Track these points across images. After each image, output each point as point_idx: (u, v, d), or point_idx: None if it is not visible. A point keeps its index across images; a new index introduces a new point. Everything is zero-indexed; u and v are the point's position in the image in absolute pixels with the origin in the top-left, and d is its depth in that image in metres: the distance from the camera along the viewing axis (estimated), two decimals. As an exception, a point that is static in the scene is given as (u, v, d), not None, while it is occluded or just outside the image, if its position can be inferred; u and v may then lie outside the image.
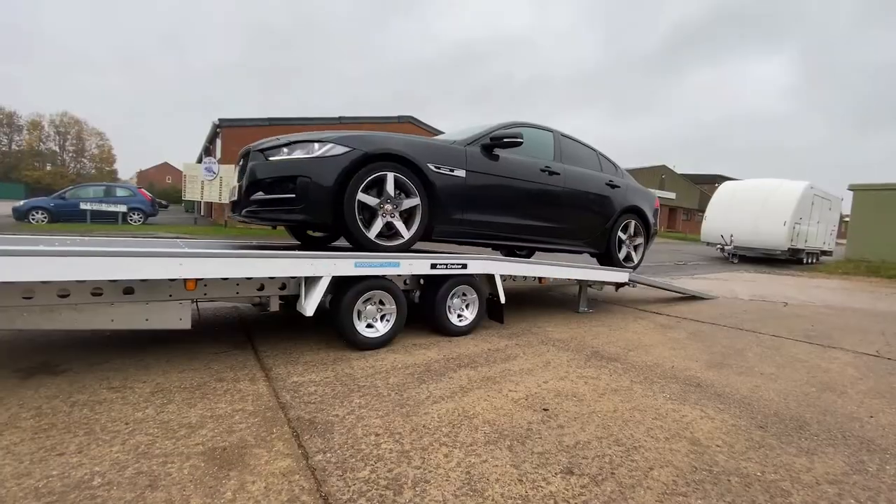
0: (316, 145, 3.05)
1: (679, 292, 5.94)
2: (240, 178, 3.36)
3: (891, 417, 2.21)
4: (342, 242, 4.75)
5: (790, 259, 14.60)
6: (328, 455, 1.60)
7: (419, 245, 3.88)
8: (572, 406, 2.15)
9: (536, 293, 5.86)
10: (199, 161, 21.05)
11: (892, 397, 2.50)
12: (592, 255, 5.13)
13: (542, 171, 4.21)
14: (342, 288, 2.85)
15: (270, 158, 3.11)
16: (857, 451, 1.82)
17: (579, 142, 4.89)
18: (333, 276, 2.73)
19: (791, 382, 2.66)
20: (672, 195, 38.77)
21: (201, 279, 2.48)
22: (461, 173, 3.58)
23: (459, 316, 3.51)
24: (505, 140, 3.77)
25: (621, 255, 5.10)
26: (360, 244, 3.15)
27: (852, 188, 13.39)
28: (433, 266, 3.23)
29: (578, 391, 2.36)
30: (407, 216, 3.35)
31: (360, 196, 3.06)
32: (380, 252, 3.13)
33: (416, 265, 3.13)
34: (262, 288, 2.77)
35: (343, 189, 3.01)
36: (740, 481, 1.54)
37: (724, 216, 15.31)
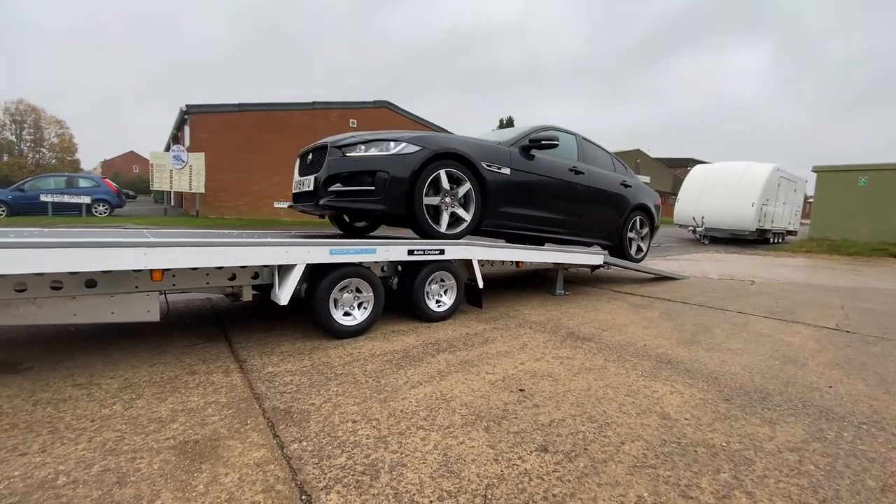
0: (391, 144, 3.41)
1: (652, 273, 6.08)
2: (304, 173, 3.78)
3: (848, 387, 2.33)
4: (380, 232, 4.88)
5: (758, 239, 15.15)
6: (304, 444, 1.59)
7: (395, 232, 3.92)
8: (548, 386, 2.19)
9: (515, 277, 5.91)
10: (168, 149, 20.26)
11: (850, 368, 2.64)
12: (605, 247, 5.46)
13: (570, 170, 4.63)
14: (318, 276, 2.81)
15: (348, 154, 3.43)
16: (817, 420, 1.92)
17: (596, 144, 5.29)
18: (308, 264, 2.68)
19: (756, 357, 2.77)
20: (647, 179, 39.38)
21: (168, 269, 2.40)
22: (506, 171, 3.98)
23: (438, 301, 3.52)
24: (543, 142, 4.19)
25: (632, 249, 5.60)
26: (426, 232, 3.54)
27: (816, 170, 13.89)
28: (410, 252, 3.21)
29: (554, 371, 2.40)
30: (464, 207, 3.74)
31: (427, 189, 3.45)
32: (442, 239, 3.55)
33: (393, 251, 3.11)
34: (233, 277, 2.70)
35: (414, 182, 3.37)
36: (706, 451, 1.60)
37: (695, 199, 15.71)
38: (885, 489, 1.42)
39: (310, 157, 3.81)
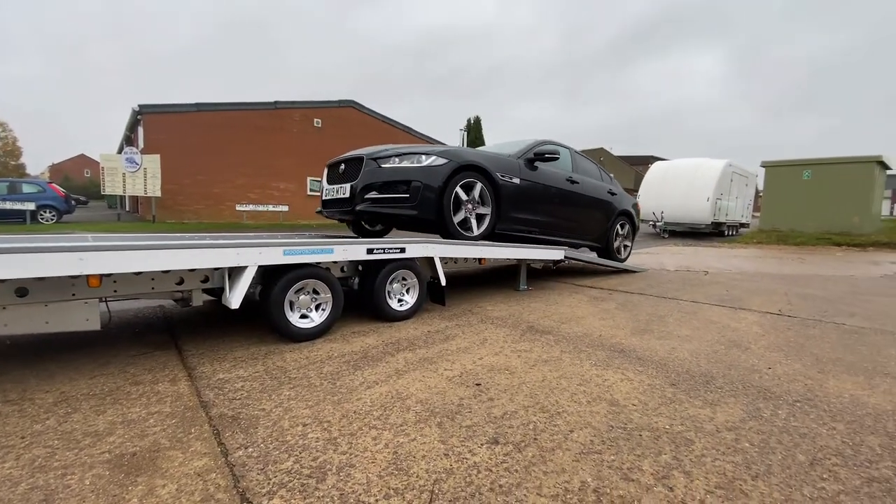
0: (423, 157, 3.83)
1: (612, 266, 6.26)
2: (336, 181, 4.22)
3: (786, 368, 2.46)
4: (392, 235, 4.96)
5: (713, 232, 15.85)
6: (250, 450, 1.54)
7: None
8: (504, 379, 2.21)
9: (480, 274, 5.95)
10: (120, 151, 19.29)
11: (789, 350, 2.79)
12: (593, 249, 6.08)
13: (567, 180, 5.18)
14: (272, 278, 2.74)
15: (383, 166, 3.84)
16: (755, 400, 2.02)
17: (586, 157, 5.89)
18: (260, 266, 2.61)
19: (703, 343, 2.89)
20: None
21: (107, 275, 2.28)
22: (516, 180, 4.47)
23: (400, 301, 3.49)
24: (546, 155, 4.73)
25: (616, 250, 6.23)
26: (451, 234, 3.97)
27: (764, 165, 14.64)
28: (370, 251, 3.17)
29: (511, 364, 2.43)
30: (482, 213, 4.21)
31: (454, 196, 3.92)
32: (464, 240, 3.96)
33: (352, 251, 3.06)
34: (181, 282, 2.60)
35: (443, 191, 3.79)
36: (650, 435, 1.65)
37: (655, 194, 16.28)
38: (814, 463, 1.51)
39: (342, 167, 4.21)
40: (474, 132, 35.90)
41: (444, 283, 3.72)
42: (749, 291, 4.91)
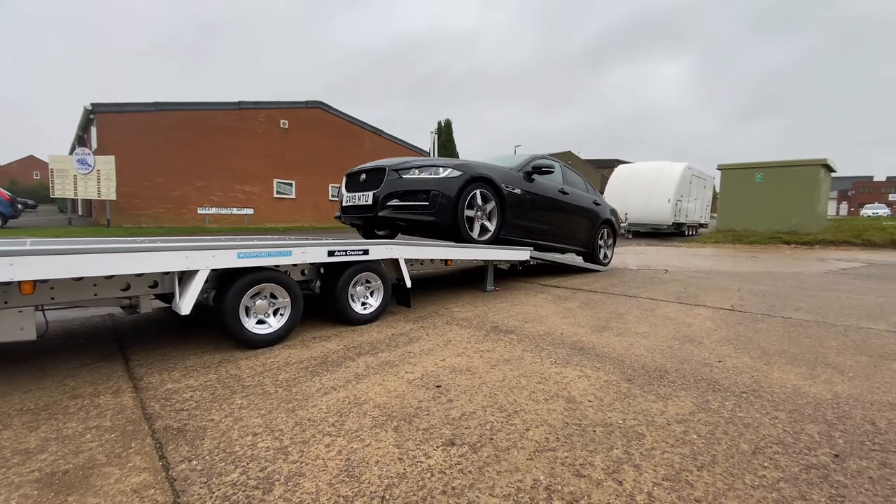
0: (441, 170, 4.25)
1: (577, 266, 6.38)
2: (357, 189, 4.58)
3: (735, 361, 2.56)
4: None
5: (675, 232, 16.45)
6: (194, 463, 1.47)
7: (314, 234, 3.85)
8: (465, 380, 2.20)
9: (448, 275, 5.95)
10: (72, 152, 18.26)
11: (739, 343, 2.91)
12: (579, 254, 6.58)
13: (559, 191, 5.67)
14: (226, 282, 2.64)
15: (404, 176, 4.26)
16: (705, 392, 2.08)
17: (574, 171, 6.43)
18: (213, 270, 2.51)
19: (659, 339, 2.98)
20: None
21: (43, 281, 2.14)
22: (518, 191, 4.93)
23: (364, 304, 3.44)
24: (543, 168, 5.28)
25: (600, 255, 6.69)
26: (464, 239, 4.38)
27: (720, 168, 15.31)
28: (331, 253, 3.11)
29: (473, 365, 2.42)
30: (489, 219, 4.65)
31: (466, 204, 4.33)
32: (474, 244, 4.42)
33: (311, 253, 2.99)
34: (127, 287, 2.47)
35: (458, 199, 4.22)
36: (604, 430, 1.68)
37: (620, 196, 16.75)
38: (756, 451, 1.57)
39: (363, 176, 4.61)
40: (445, 135, 36.00)
41: (409, 284, 3.69)
42: (705, 288, 5.11)
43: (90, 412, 1.88)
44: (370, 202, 4.34)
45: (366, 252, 3.31)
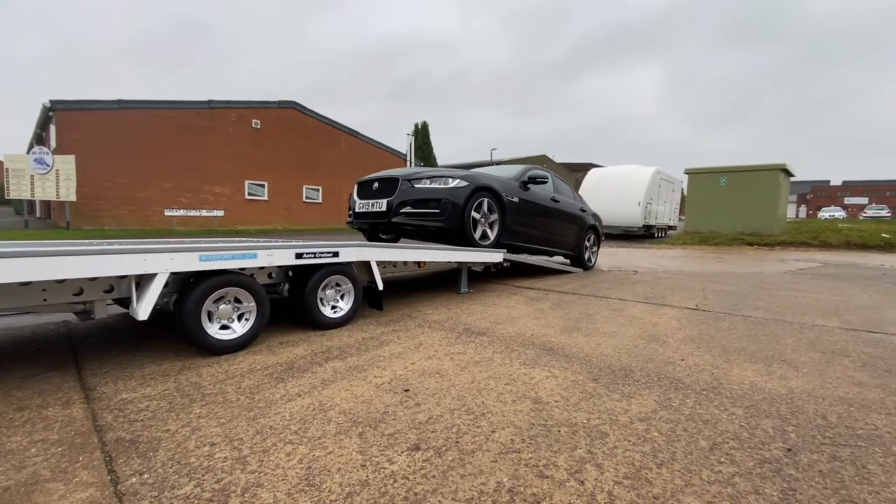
0: (449, 180, 4.65)
1: (549, 267, 6.47)
2: (370, 197, 4.96)
3: (697, 359, 2.64)
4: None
5: (645, 234, 16.88)
6: (145, 476, 1.40)
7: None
8: (434, 383, 2.19)
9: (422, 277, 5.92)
10: (30, 151, 17.37)
11: (701, 342, 3.00)
12: (567, 257, 6.99)
13: (551, 199, 6.09)
14: (188, 286, 2.54)
15: (416, 186, 4.65)
16: (667, 390, 2.13)
17: (563, 180, 6.87)
18: (173, 273, 2.41)
19: (626, 338, 3.04)
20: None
21: (-17, 289, 2.01)
22: (516, 199, 5.30)
23: (334, 307, 3.38)
24: (538, 179, 5.79)
25: (586, 258, 7.12)
26: (471, 243, 4.73)
27: (687, 172, 15.84)
28: (299, 255, 3.04)
29: (443, 368, 2.41)
30: (491, 226, 5.00)
31: (473, 211, 4.70)
32: (480, 248, 4.75)
33: (278, 255, 2.91)
34: (80, 292, 2.35)
35: (465, 207, 4.58)
36: (568, 430, 1.70)
37: (592, 199, 17.04)
38: (714, 447, 1.61)
39: (375, 185, 4.98)
40: (421, 137, 36.03)
41: (381, 287, 3.65)
42: (671, 289, 5.25)
43: (36, 425, 1.77)
44: (384, 209, 4.72)
45: (336, 254, 3.26)
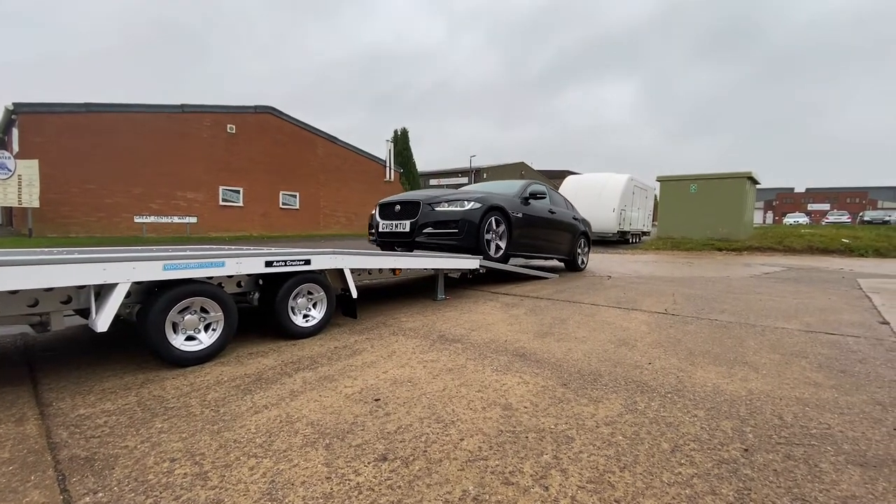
0: (466, 203, 5.27)
1: (526, 273, 6.53)
2: (394, 218, 5.54)
3: (664, 362, 2.70)
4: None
5: (619, 240, 17.24)
6: (99, 495, 1.35)
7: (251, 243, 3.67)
8: (405, 392, 2.18)
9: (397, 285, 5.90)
10: (-13, 155, 16.59)
11: (668, 345, 3.07)
12: (563, 261, 7.75)
13: (549, 211, 6.80)
14: (152, 296, 2.47)
15: (436, 209, 5.26)
16: (633, 394, 2.18)
17: (558, 192, 7.68)
18: (135, 283, 2.34)
19: (597, 343, 3.09)
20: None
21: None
22: (520, 214, 5.99)
23: (306, 316, 3.33)
24: (538, 195, 6.51)
25: (579, 262, 7.86)
26: (486, 256, 5.28)
27: (659, 179, 16.31)
28: (269, 263, 2.99)
29: (415, 376, 2.40)
30: (500, 239, 5.63)
31: (486, 228, 5.33)
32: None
33: (247, 263, 2.86)
34: (35, 304, 2.26)
35: (480, 225, 5.19)
36: (536, 436, 1.71)
37: (569, 205, 17.37)
38: (675, 449, 1.65)
39: (397, 207, 5.56)
40: (401, 143, 36.05)
41: (355, 295, 3.62)
42: (643, 293, 5.38)
43: (-16, 445, 1.69)
44: (407, 230, 5.30)
45: (307, 262, 3.22)
